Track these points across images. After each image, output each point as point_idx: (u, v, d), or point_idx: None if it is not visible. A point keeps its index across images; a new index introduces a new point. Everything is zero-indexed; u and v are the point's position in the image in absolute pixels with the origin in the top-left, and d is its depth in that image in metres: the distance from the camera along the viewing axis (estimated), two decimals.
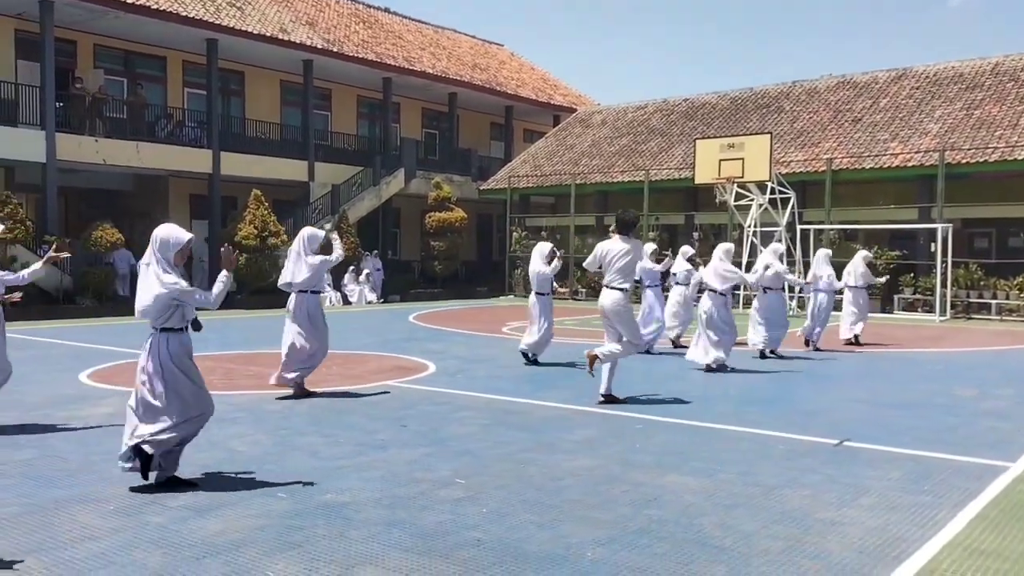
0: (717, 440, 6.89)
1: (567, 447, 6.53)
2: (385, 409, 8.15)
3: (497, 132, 37.26)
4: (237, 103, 28.03)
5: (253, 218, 23.12)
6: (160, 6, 22.91)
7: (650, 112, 31.73)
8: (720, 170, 21.19)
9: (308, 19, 29.01)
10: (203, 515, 4.78)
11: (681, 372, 10.80)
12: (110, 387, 9.22)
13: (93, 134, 22.26)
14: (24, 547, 4.23)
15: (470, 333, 16.12)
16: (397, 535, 4.46)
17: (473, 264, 33.29)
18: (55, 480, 5.49)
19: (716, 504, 5.08)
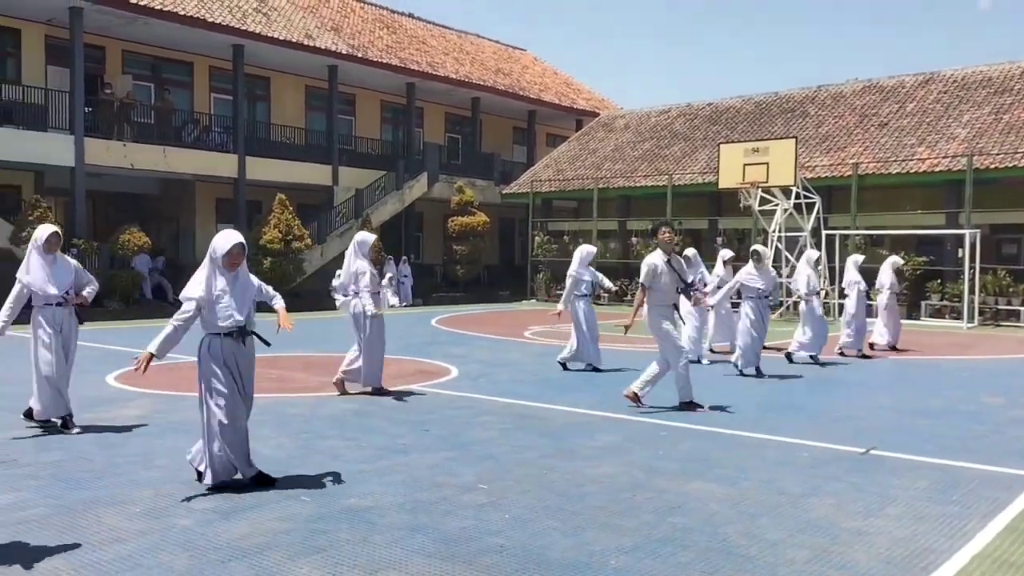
0: (741, 447, 6.84)
1: (590, 453, 6.51)
2: (407, 413, 8.17)
3: (520, 136, 37.30)
4: (263, 108, 28.28)
5: (278, 222, 23.30)
6: (187, 12, 23.17)
7: (673, 116, 31.62)
8: (744, 175, 21.06)
9: (333, 25, 29.22)
10: (228, 518, 4.81)
11: (707, 379, 10.72)
12: (137, 389, 9.31)
13: (121, 139, 22.54)
14: (52, 549, 4.28)
15: (492, 337, 16.13)
16: (420, 540, 4.46)
17: (495, 268, 33.33)
18: (82, 482, 5.55)
19: (741, 512, 5.04)
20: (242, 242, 5.37)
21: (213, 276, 5.31)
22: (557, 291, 28.37)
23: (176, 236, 26.64)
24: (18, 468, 5.90)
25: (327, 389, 9.53)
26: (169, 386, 9.56)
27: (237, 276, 5.38)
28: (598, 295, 11.61)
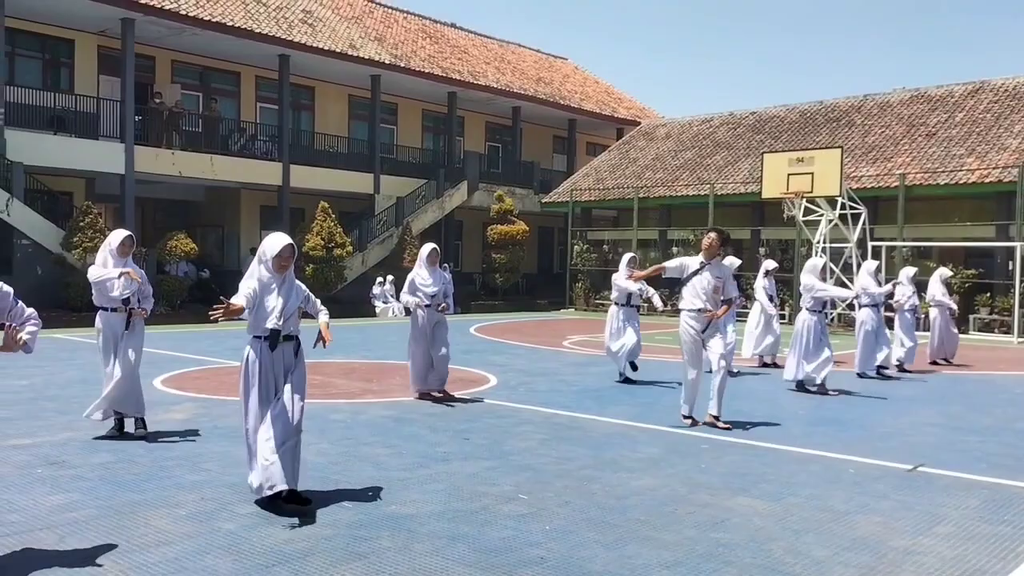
0: (786, 462, 6.74)
1: (630, 465, 6.46)
2: (447, 421, 8.19)
3: (560, 145, 37.32)
4: (307, 117, 28.66)
5: (320, 229, 23.57)
6: (235, 23, 23.60)
7: (716, 125, 31.39)
8: (789, 185, 20.79)
9: (377, 35, 29.54)
10: (272, 523, 4.86)
11: (748, 392, 10.61)
12: (182, 393, 9.47)
13: (170, 147, 23.00)
14: (101, 550, 4.36)
15: (531, 346, 16.12)
16: (461, 550, 4.47)
17: (534, 277, 33.34)
18: (129, 484, 5.65)
19: (785, 529, 4.96)
20: (292, 244, 5.27)
21: (261, 277, 5.23)
22: (596, 300, 28.32)
23: (221, 242, 27.08)
24: (68, 469, 6.02)
25: (367, 395, 9.60)
26: (212, 390, 9.71)
27: (284, 280, 5.28)
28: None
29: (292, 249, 5.26)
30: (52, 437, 7.07)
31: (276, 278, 5.25)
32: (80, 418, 7.88)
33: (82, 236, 19.34)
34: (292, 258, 5.28)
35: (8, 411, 8.27)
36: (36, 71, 22.63)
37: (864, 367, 11.90)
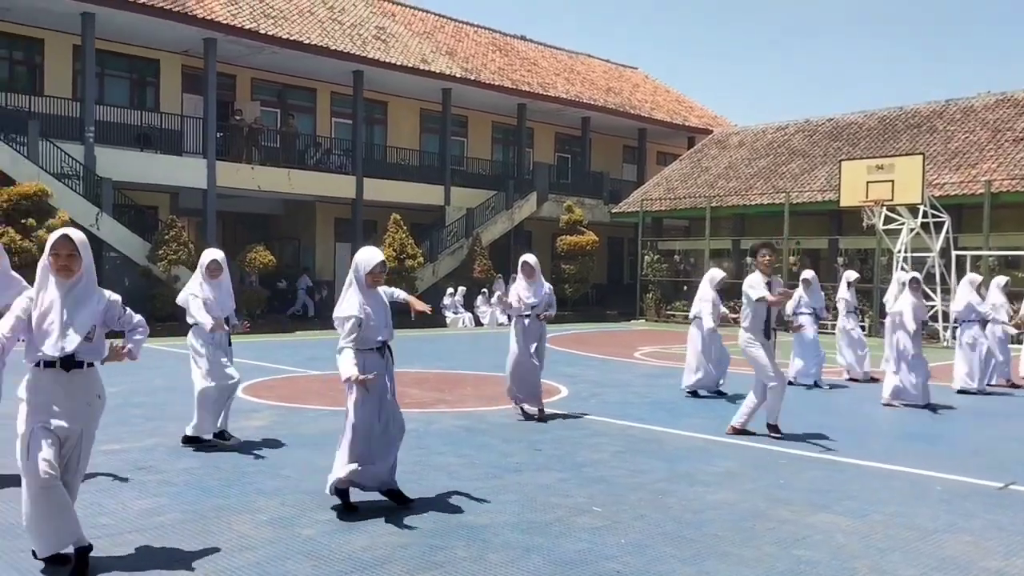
0: (868, 478, 6.53)
1: (706, 479, 6.35)
2: (519, 432, 8.19)
3: (630, 155, 37.10)
4: (380, 131, 29.18)
5: (392, 241, 23.92)
6: (312, 41, 24.21)
7: (791, 133, 30.78)
8: (868, 192, 20.26)
9: (448, 49, 29.91)
10: (350, 530, 4.94)
11: (827, 405, 10.34)
12: (262, 401, 9.70)
13: (249, 162, 23.68)
14: (187, 553, 4.50)
15: (602, 357, 16.02)
16: (536, 561, 4.46)
17: (603, 287, 33.16)
18: (213, 489, 5.82)
19: (869, 547, 4.81)
20: (384, 260, 5.48)
21: (361, 294, 5.37)
22: (668, 311, 28.00)
23: (297, 254, 27.72)
24: (155, 475, 6.23)
25: (440, 405, 9.69)
26: (290, 399, 9.93)
27: (376, 293, 5.47)
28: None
29: (384, 265, 5.48)
30: (139, 443, 7.34)
31: (369, 293, 5.41)
32: (166, 424, 8.17)
33: (167, 249, 20.05)
34: (384, 273, 5.49)
35: None
36: (124, 90, 23.60)
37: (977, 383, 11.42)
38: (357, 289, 5.41)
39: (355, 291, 5.41)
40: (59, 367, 4.11)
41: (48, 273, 4.16)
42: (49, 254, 4.13)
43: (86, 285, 4.22)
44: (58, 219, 18.17)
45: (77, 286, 4.18)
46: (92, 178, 20.21)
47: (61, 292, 4.14)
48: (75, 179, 19.94)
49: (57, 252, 4.12)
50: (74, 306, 4.15)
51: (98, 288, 4.31)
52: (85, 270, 4.21)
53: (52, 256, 4.12)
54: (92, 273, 4.28)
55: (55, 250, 4.12)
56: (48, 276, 4.16)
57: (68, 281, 4.16)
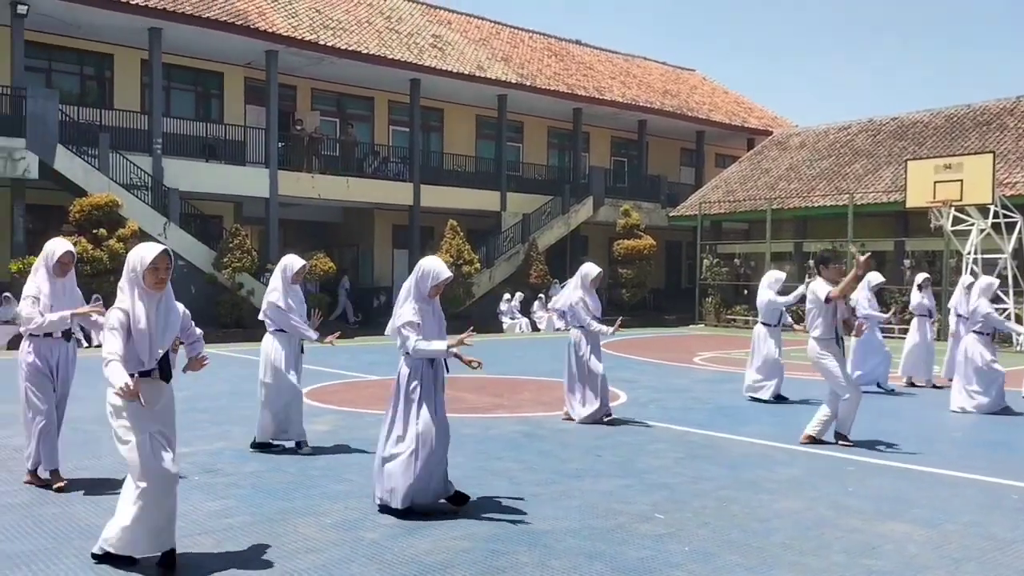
0: (940, 487, 6.34)
1: (771, 486, 6.24)
2: (578, 437, 8.16)
3: (687, 158, 36.74)
4: (436, 138, 29.45)
5: (449, 247, 24.09)
6: (370, 50, 24.58)
7: (854, 133, 30.11)
8: (935, 193, 19.70)
9: (503, 55, 30.05)
10: (413, 534, 4.98)
11: (896, 410, 10.07)
12: (324, 405, 9.85)
13: (310, 171, 24.14)
14: (255, 555, 4.59)
15: (660, 363, 15.87)
16: (599, 568, 4.43)
17: (661, 292, 32.87)
18: (279, 492, 5.92)
19: (943, 557, 4.66)
20: (451, 276, 5.51)
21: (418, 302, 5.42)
22: (728, 315, 27.61)
23: (356, 261, 28.13)
24: (222, 477, 6.37)
25: (498, 410, 9.71)
26: (352, 403, 10.06)
27: (433, 304, 5.52)
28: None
29: (449, 279, 5.51)
30: (207, 446, 7.50)
31: (428, 302, 5.48)
32: (231, 428, 8.35)
33: (231, 257, 20.53)
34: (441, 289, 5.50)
35: None
36: (189, 103, 24.28)
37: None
38: (415, 298, 5.44)
39: (411, 301, 5.43)
40: (155, 376, 4.28)
41: (137, 285, 4.25)
42: (148, 267, 4.22)
43: (170, 297, 4.40)
44: (128, 229, 18.77)
45: (164, 299, 4.34)
46: (160, 189, 20.82)
47: (152, 305, 4.28)
48: (143, 190, 20.57)
49: (157, 266, 4.24)
50: (164, 318, 4.32)
51: (174, 300, 4.49)
52: (169, 283, 4.39)
53: (151, 270, 4.22)
54: (170, 284, 4.45)
55: (156, 264, 4.23)
56: (136, 288, 4.25)
57: (158, 295, 4.30)
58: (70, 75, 22.45)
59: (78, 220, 18.29)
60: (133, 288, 4.25)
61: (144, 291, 4.25)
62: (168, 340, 4.31)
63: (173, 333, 4.36)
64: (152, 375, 4.28)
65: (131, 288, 4.25)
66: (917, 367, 12.31)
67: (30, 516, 5.27)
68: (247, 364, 14.03)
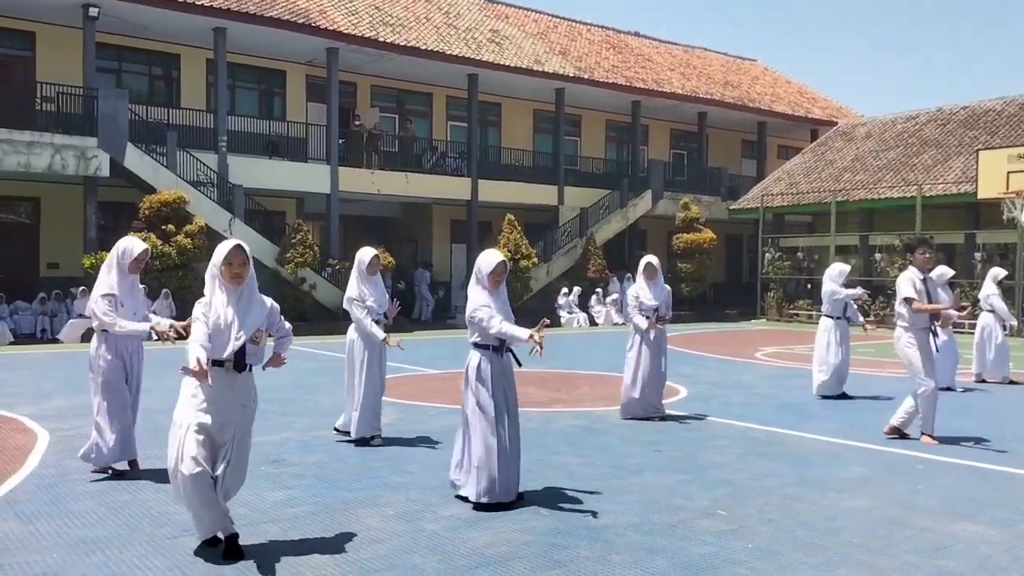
0: (1016, 486, 6.13)
1: (838, 484, 6.10)
2: (638, 432, 8.11)
3: (748, 150, 36.12)
4: (494, 133, 29.49)
5: (507, 241, 24.13)
6: (428, 46, 24.74)
7: (922, 122, 29.23)
8: (1009, 183, 19.04)
9: (561, 49, 29.94)
10: (473, 526, 5.01)
11: (968, 408, 9.76)
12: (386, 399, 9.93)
13: (370, 167, 24.42)
14: (319, 544, 4.67)
15: (721, 358, 15.66)
16: (660, 564, 4.39)
17: (722, 286, 32.41)
18: (342, 483, 6.01)
19: (1018, 559, 4.50)
20: (505, 260, 5.61)
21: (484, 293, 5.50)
22: (790, 310, 27.10)
23: (415, 256, 28.37)
24: (287, 467, 6.50)
25: (557, 405, 9.69)
26: (412, 396, 10.15)
27: (499, 294, 5.58)
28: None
29: (505, 266, 5.60)
30: (272, 437, 7.65)
31: (494, 294, 5.53)
32: (295, 420, 8.51)
33: (294, 252, 20.89)
34: (505, 274, 5.61)
35: None
36: (253, 101, 24.76)
37: None
38: (480, 289, 5.53)
39: (479, 289, 5.54)
40: (228, 368, 4.38)
41: (217, 281, 4.43)
42: (222, 263, 4.39)
43: (252, 291, 4.51)
44: (195, 225, 19.25)
45: (244, 293, 4.47)
46: (225, 185, 21.30)
47: (232, 298, 4.42)
48: (209, 186, 21.06)
49: (231, 261, 4.39)
50: (244, 310, 4.44)
51: (259, 294, 4.58)
52: (251, 278, 4.49)
53: (225, 265, 4.39)
54: (255, 280, 4.56)
55: (228, 259, 4.39)
56: (216, 284, 4.43)
57: (238, 288, 4.43)
58: (139, 75, 23.09)
59: (147, 216, 18.81)
60: (213, 282, 4.44)
61: (224, 285, 4.42)
62: (246, 332, 4.40)
63: (253, 326, 4.44)
64: (225, 365, 4.37)
65: (211, 282, 4.45)
66: (991, 363, 11.92)
67: (104, 503, 5.45)
68: (310, 357, 14.29)
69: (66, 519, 5.08)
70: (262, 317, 4.53)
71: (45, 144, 18.32)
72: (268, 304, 4.62)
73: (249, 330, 4.41)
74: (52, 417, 8.51)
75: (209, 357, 4.26)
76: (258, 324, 4.48)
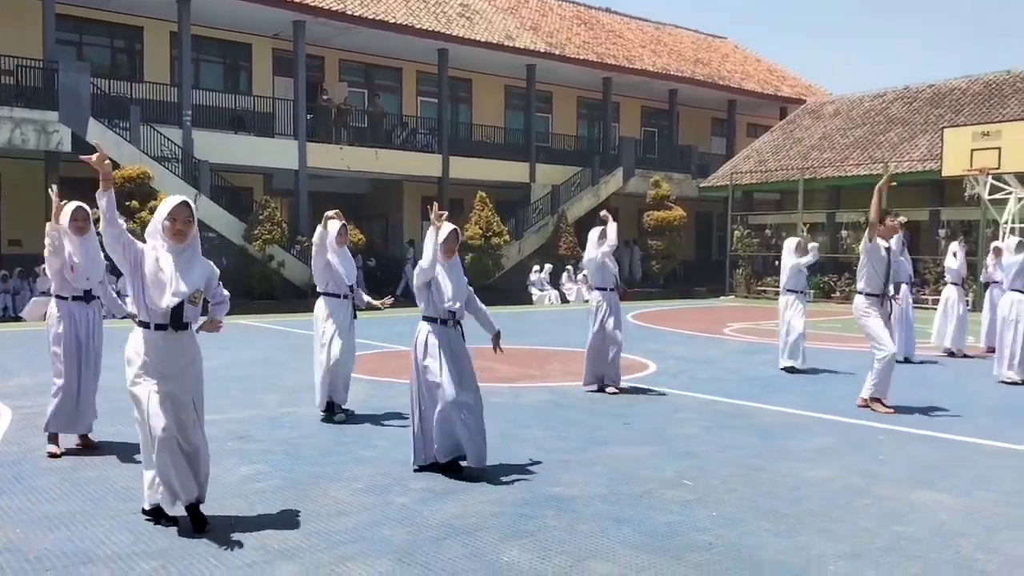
0: (974, 456, 6.27)
1: (801, 455, 6.20)
2: (606, 406, 8.17)
3: (719, 128, 36.25)
4: (465, 109, 29.30)
5: (478, 219, 24.06)
6: (397, 20, 24.45)
7: (889, 100, 29.51)
8: (972, 161, 19.31)
9: (532, 24, 29.75)
10: (442, 498, 5.03)
11: (926, 380, 9.95)
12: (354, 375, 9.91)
13: (338, 143, 24.17)
14: (287, 518, 4.65)
15: (690, 333, 15.80)
16: (626, 532, 4.45)
17: (691, 263, 32.64)
18: (310, 458, 5.99)
19: (976, 524, 4.62)
20: (456, 230, 5.65)
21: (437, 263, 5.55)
22: (758, 287, 27.37)
23: (385, 233, 28.22)
24: (254, 443, 6.46)
25: (527, 380, 9.73)
26: (379, 373, 10.13)
27: (452, 265, 5.61)
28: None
29: (456, 235, 5.66)
30: (239, 414, 7.61)
31: (446, 263, 5.56)
32: (263, 396, 8.46)
33: (261, 229, 20.66)
34: (457, 243, 5.67)
35: None
36: (218, 75, 24.36)
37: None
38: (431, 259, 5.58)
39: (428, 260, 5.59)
40: (169, 328, 4.31)
41: (159, 237, 4.35)
42: (166, 219, 4.32)
43: (194, 251, 4.45)
44: (159, 201, 18.91)
45: (186, 251, 4.40)
46: (190, 161, 20.97)
47: (173, 255, 4.34)
48: (174, 162, 20.73)
49: (175, 217, 4.33)
50: (185, 268, 4.35)
51: (202, 256, 4.52)
52: (193, 237, 4.43)
53: (169, 221, 4.32)
54: (198, 241, 4.50)
55: (173, 215, 4.32)
56: (158, 238, 4.36)
57: (180, 246, 4.36)
58: (101, 48, 22.60)
59: None
60: (155, 238, 4.37)
61: (166, 242, 4.35)
62: (187, 289, 4.31)
63: (193, 285, 4.34)
64: (167, 329, 4.31)
65: (152, 239, 4.38)
66: (951, 335, 12.13)
67: (68, 479, 5.39)
68: (278, 335, 14.20)
69: (30, 495, 5.02)
70: (202, 279, 4.45)
71: (4, 118, 17.92)
72: (211, 267, 4.56)
73: (190, 287, 4.32)
74: (15, 395, 8.39)
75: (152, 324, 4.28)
76: (198, 284, 4.39)
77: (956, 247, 12.41)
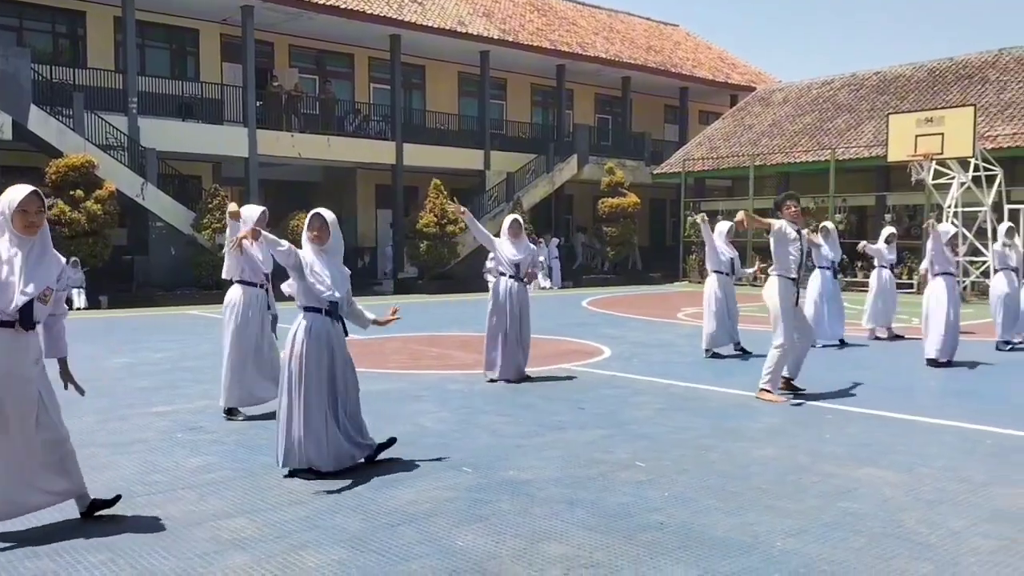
0: (916, 433, 6.45)
1: (750, 435, 6.32)
2: (562, 391, 8.23)
3: (671, 115, 36.56)
4: (418, 96, 29.11)
5: (433, 206, 23.95)
6: (348, 5, 24.15)
7: (836, 88, 30.03)
8: (916, 147, 19.73)
9: (485, 10, 29.63)
10: (396, 485, 5.02)
11: (862, 361, 10.20)
12: None
13: (289, 130, 23.85)
14: (237, 508, 4.61)
15: (645, 319, 15.96)
16: (580, 514, 4.49)
17: (645, 250, 32.94)
18: (263, 448, 5.92)
19: (918, 499, 4.76)
20: (319, 213, 5.40)
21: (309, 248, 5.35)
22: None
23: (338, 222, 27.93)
24: (206, 434, 6.38)
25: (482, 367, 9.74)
26: None
27: (329, 249, 5.40)
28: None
29: (320, 219, 5.40)
30: (190, 404, 7.51)
31: (319, 251, 5.36)
32: (214, 387, 8.29)
33: (211, 218, 20.31)
34: (324, 228, 5.38)
35: (149, 381, 8.83)
36: (164, 61, 23.84)
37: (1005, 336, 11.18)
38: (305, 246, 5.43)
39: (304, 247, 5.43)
40: (17, 327, 3.94)
41: (6, 228, 3.97)
42: (17, 210, 3.94)
43: (45, 244, 4.08)
44: (105, 190, 18.53)
45: (37, 245, 4.03)
46: (136, 149, 20.53)
47: (23, 249, 3.97)
48: (120, 150, 20.28)
49: (26, 209, 3.96)
50: (35, 264, 3.99)
51: (54, 250, 4.16)
52: (44, 230, 4.08)
53: (20, 212, 3.94)
54: (48, 234, 4.15)
55: (24, 206, 3.95)
56: (6, 232, 3.97)
57: (31, 239, 3.99)
58: (42, 33, 21.97)
59: (54, 182, 18.02)
60: (3, 231, 3.98)
61: (14, 234, 3.96)
62: (36, 288, 3.94)
63: (44, 282, 3.99)
64: (15, 327, 3.93)
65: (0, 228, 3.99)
66: (879, 313, 12.38)
67: None
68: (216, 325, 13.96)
69: None
70: (53, 276, 4.07)
71: None
72: (61, 262, 4.18)
73: (40, 286, 3.95)
74: None
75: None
76: (49, 281, 4.02)
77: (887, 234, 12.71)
